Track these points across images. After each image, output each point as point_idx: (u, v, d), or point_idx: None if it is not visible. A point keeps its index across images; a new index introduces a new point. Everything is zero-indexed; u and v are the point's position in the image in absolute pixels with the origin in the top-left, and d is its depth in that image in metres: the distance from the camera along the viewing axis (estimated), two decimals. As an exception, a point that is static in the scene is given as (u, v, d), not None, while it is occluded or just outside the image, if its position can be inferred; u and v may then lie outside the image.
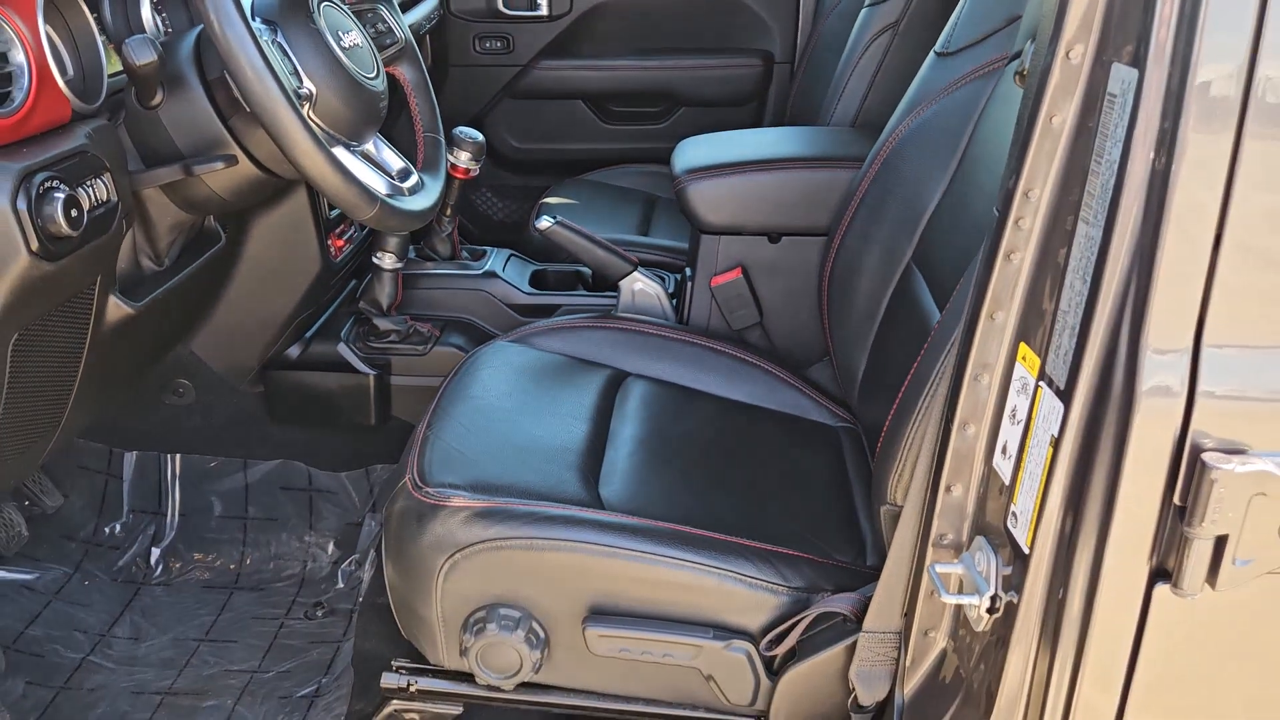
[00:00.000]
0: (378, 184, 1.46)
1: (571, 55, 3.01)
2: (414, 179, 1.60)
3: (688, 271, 2.07)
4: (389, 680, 1.51)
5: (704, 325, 2.04)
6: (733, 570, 1.39)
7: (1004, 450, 1.09)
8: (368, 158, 1.53)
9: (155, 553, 2.11)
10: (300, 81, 1.38)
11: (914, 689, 1.23)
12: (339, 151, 1.40)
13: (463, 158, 2.13)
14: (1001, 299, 1.07)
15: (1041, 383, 1.01)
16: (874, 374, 1.67)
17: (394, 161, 1.60)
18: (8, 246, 1.16)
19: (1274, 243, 0.89)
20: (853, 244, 1.82)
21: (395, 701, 1.54)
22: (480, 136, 2.16)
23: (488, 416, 1.64)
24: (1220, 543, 0.90)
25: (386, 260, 2.05)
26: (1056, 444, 0.97)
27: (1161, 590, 0.95)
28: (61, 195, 1.21)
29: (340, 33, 1.49)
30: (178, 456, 2.12)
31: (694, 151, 2.07)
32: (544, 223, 1.99)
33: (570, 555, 1.38)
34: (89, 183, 1.29)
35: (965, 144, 1.62)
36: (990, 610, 1.07)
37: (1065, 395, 0.96)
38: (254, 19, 1.36)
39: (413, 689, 1.51)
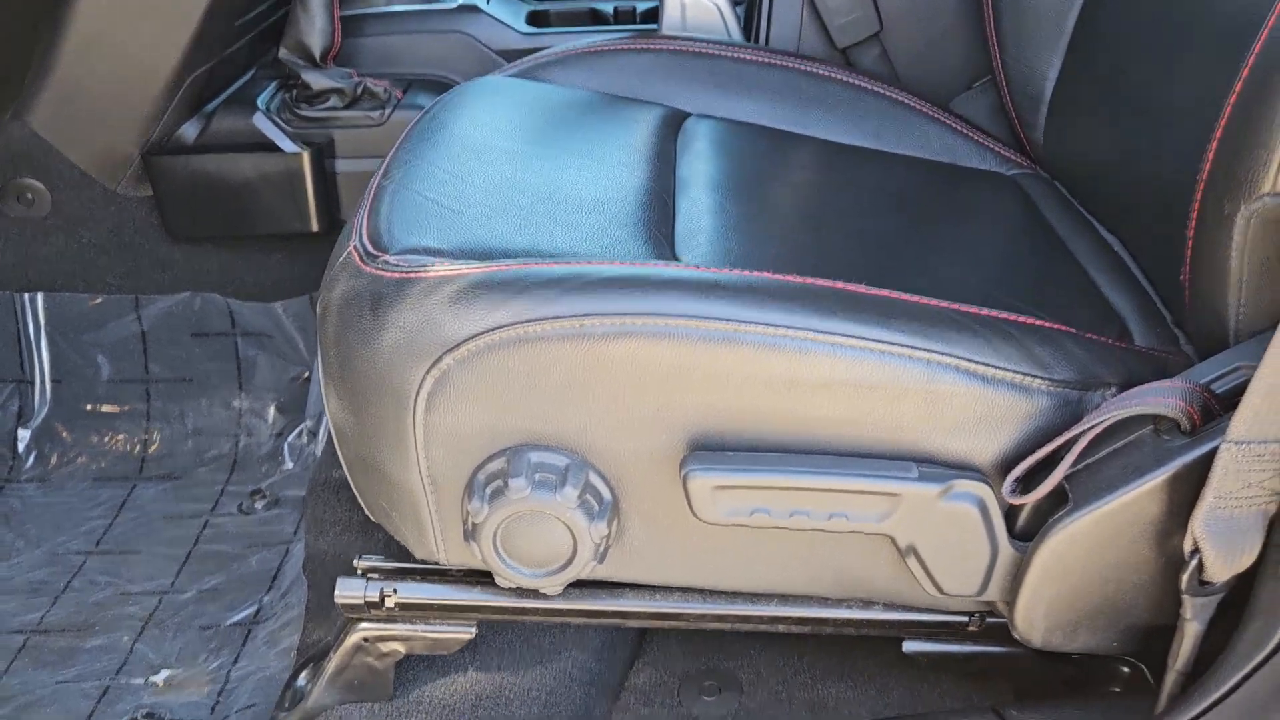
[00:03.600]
0: None
1: None
2: None
3: (760, -27, 1.41)
4: (347, 591, 0.91)
5: (793, 46, 1.38)
6: (946, 352, 0.77)
7: None
8: None
9: (23, 437, 1.51)
10: None
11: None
12: None
13: None
14: None
15: None
16: (1079, 79, 1.07)
17: None
18: None
19: None
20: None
21: (365, 625, 0.93)
22: None
23: (483, 158, 1.01)
24: None
25: (312, -21, 1.38)
26: None
27: None
28: None
29: None
30: (39, 296, 1.50)
31: None
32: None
33: (651, 344, 0.76)
34: None
35: None
36: None
37: None
38: None
39: (390, 602, 0.90)
